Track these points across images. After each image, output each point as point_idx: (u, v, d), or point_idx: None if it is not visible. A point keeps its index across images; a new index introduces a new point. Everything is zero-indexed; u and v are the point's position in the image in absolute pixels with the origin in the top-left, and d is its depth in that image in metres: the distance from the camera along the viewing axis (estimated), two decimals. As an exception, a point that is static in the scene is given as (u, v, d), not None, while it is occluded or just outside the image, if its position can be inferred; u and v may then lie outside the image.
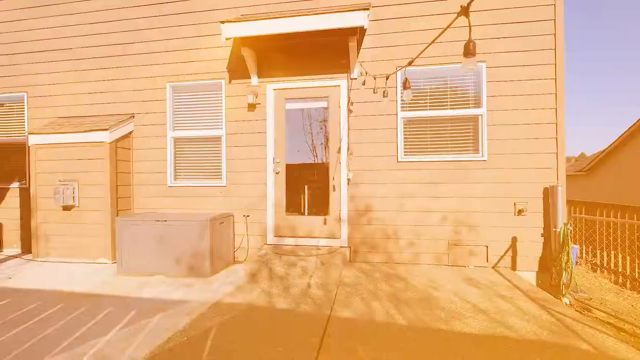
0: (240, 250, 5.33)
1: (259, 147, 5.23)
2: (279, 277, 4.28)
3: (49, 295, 3.91)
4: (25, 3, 6.09)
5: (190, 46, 5.47)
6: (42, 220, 5.49)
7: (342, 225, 5.00)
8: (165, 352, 2.71)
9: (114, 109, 5.77)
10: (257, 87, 5.19)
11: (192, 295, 3.93)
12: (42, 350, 2.74)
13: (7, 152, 6.31)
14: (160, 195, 5.63)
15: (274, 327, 3.11)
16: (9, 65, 6.20)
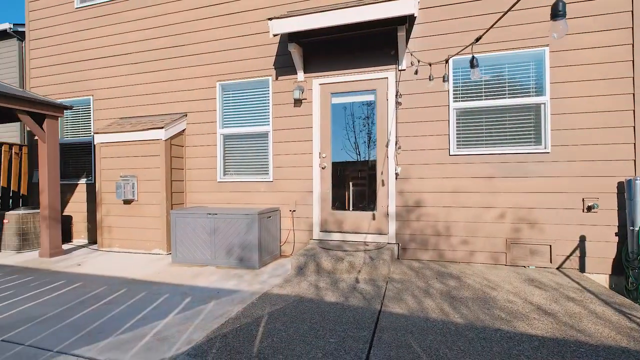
0: (287, 244, 5.37)
1: (305, 142, 5.25)
2: (326, 271, 4.25)
3: (113, 281, 4.18)
4: (88, 14, 6.61)
5: (237, 45, 5.63)
6: (106, 213, 5.91)
7: (389, 221, 4.87)
8: (220, 336, 2.77)
9: (168, 108, 6.08)
10: (304, 83, 5.22)
11: (242, 285, 4.00)
12: (110, 329, 2.91)
13: (76, 152, 6.88)
14: (210, 191, 5.84)
15: (323, 318, 3.08)
16: (77, 72, 6.77)
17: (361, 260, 4.20)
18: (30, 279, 4.31)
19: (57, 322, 3.05)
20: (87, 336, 2.78)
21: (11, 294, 3.76)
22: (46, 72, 7.04)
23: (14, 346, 2.63)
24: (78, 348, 2.60)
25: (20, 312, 3.28)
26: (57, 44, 6.90)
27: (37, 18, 7.09)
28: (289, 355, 2.49)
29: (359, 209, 5.18)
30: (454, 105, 4.62)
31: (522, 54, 4.45)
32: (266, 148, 5.52)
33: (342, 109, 5.22)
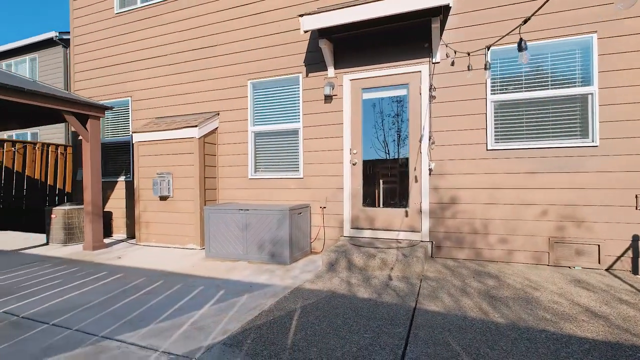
0: (317, 241, 5.36)
1: (336, 139, 5.22)
2: (358, 268, 4.20)
3: (151, 273, 4.33)
4: (127, 19, 6.91)
5: (268, 44, 5.69)
6: (143, 209, 6.14)
7: (423, 218, 4.74)
8: (255, 328, 2.79)
9: (201, 107, 6.24)
10: (334, 79, 5.19)
11: (274, 280, 4.03)
12: (150, 317, 3.01)
13: (116, 151, 7.20)
14: (242, 187, 5.93)
15: (357, 314, 3.04)
16: (117, 74, 7.10)
17: (394, 257, 4.11)
18: (75, 270, 4.54)
19: (101, 309, 3.19)
20: (129, 323, 2.89)
21: (59, 283, 3.97)
22: (89, 76, 7.43)
23: (63, 330, 2.77)
24: (121, 334, 2.70)
25: (68, 299, 3.45)
26: (99, 49, 7.26)
27: (80, 25, 7.50)
28: (323, 349, 2.47)
29: (390, 205, 5.08)
30: (491, 98, 4.44)
31: (566, 42, 4.21)
32: (296, 145, 5.54)
33: (371, 107, 5.15)
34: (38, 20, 49.84)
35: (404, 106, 5.06)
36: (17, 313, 3.11)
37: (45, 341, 2.59)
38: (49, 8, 50.33)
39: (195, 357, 2.36)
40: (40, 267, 4.73)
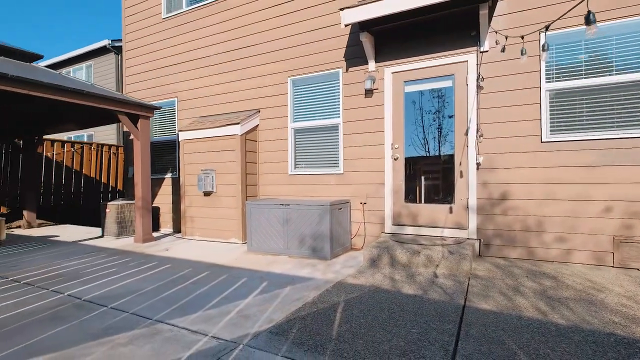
0: (357, 237, 5.29)
1: (377, 134, 5.13)
2: (402, 264, 4.09)
3: (197, 265, 4.48)
4: (173, 23, 7.22)
5: (307, 40, 5.70)
6: (189, 204, 6.39)
7: (470, 214, 4.53)
8: (299, 318, 2.79)
9: (243, 105, 6.38)
10: (375, 72, 5.11)
11: (316, 274, 4.02)
12: (198, 304, 3.10)
13: (163, 149, 7.55)
14: (282, 183, 6.00)
15: (402, 309, 2.95)
16: (164, 76, 7.45)
17: (439, 254, 3.96)
18: (128, 260, 4.81)
19: (153, 295, 3.33)
20: (180, 309, 3.00)
21: (115, 271, 4.21)
22: (139, 79, 7.86)
23: (121, 313, 2.93)
24: (172, 318, 2.80)
25: (123, 286, 3.65)
26: (148, 52, 7.66)
27: (131, 31, 7.96)
28: (369, 341, 2.42)
29: (433, 202, 4.91)
30: (547, 86, 4.15)
31: (633, 22, 3.85)
32: (336, 140, 5.51)
33: (410, 103, 5.02)
34: (93, 30, 54.25)
35: (445, 101, 4.89)
36: (80, 296, 3.32)
37: (105, 322, 2.75)
38: (104, 17, 54.56)
39: (243, 343, 2.39)
40: (97, 256, 5.05)
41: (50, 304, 3.14)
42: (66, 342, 2.41)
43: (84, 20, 58.71)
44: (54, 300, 3.22)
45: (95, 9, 59.27)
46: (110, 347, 2.33)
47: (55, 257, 5.03)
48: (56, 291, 3.47)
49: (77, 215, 9.85)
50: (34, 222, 8.22)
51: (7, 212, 8.76)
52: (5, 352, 2.27)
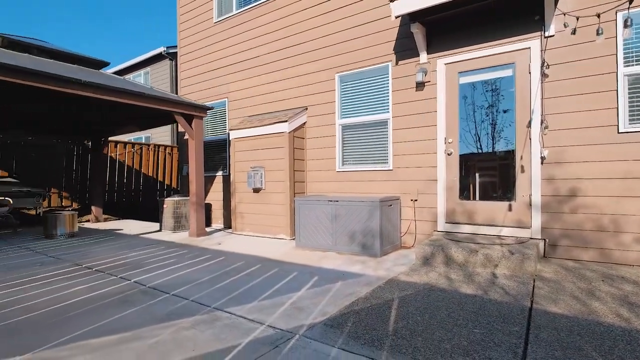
0: (407, 235, 5.14)
1: (428, 128, 4.95)
2: (457, 263, 3.89)
3: (248, 258, 4.59)
4: (224, 26, 7.50)
5: (355, 35, 5.64)
6: (239, 201, 6.59)
7: (533, 212, 4.21)
8: (353, 312, 2.75)
9: (290, 103, 6.47)
10: (427, 64, 4.93)
11: (367, 270, 3.95)
12: (252, 295, 3.17)
13: (214, 148, 7.87)
14: (329, 180, 5.99)
15: (461, 309, 2.80)
16: (215, 78, 7.76)
17: (499, 253, 3.72)
18: (185, 252, 5.05)
19: (210, 285, 3.46)
20: (235, 299, 3.08)
21: (173, 262, 4.44)
22: (192, 82, 8.27)
23: (181, 300, 3.06)
24: (229, 307, 2.88)
25: (182, 275, 3.83)
26: (201, 56, 8.03)
27: (185, 37, 8.39)
28: (428, 339, 2.31)
29: (490, 199, 4.63)
30: (625, 71, 3.74)
31: None
32: (385, 136, 5.39)
33: (462, 99, 4.79)
34: (150, 38, 58.83)
35: (500, 94, 4.60)
36: (145, 283, 3.53)
37: (168, 307, 2.89)
38: (160, 24, 58.85)
39: (299, 333, 2.39)
40: (156, 248, 5.36)
41: (119, 289, 3.37)
42: (135, 323, 2.57)
43: (143, 28, 63.79)
44: (122, 286, 3.45)
45: (153, 17, 64.14)
46: (175, 330, 2.44)
47: (120, 248, 5.41)
48: (124, 278, 3.72)
49: (137, 211, 10.57)
50: (101, 216, 8.93)
51: (78, 207, 9.62)
52: (84, 330, 2.46)
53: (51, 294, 3.21)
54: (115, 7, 63.49)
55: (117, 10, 64.24)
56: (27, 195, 7.87)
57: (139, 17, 67.46)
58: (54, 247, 5.53)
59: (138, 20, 67.20)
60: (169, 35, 49.81)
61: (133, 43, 59.84)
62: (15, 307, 2.91)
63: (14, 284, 3.56)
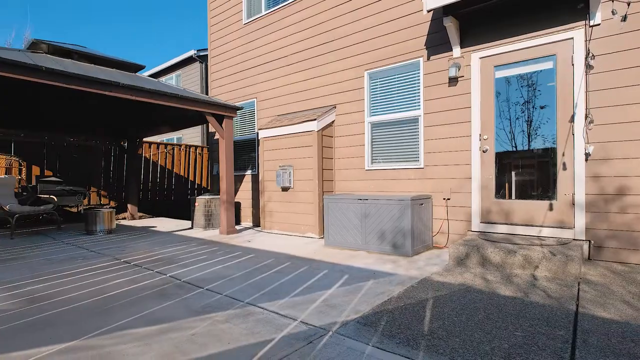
0: (440, 235, 5.00)
1: (462, 125, 4.80)
2: (494, 264, 3.75)
3: (278, 256, 4.62)
4: (253, 27, 7.61)
5: (384, 32, 5.56)
6: (267, 199, 6.66)
7: (576, 212, 3.99)
8: (386, 311, 2.70)
9: (319, 102, 6.47)
10: (460, 59, 4.78)
11: (399, 270, 3.88)
12: (284, 291, 3.18)
13: (243, 148, 8.00)
14: (358, 179, 5.94)
15: (500, 311, 2.68)
16: (244, 79, 7.89)
17: (539, 255, 3.54)
18: (216, 249, 5.15)
19: (242, 281, 3.51)
20: (267, 295, 3.10)
21: (205, 258, 4.54)
22: (222, 83, 8.45)
23: (215, 294, 3.12)
24: (261, 302, 2.90)
25: (214, 271, 3.91)
26: (230, 57, 8.20)
27: (215, 39, 8.59)
28: (466, 340, 2.23)
29: (529, 197, 4.43)
30: (680, 60, 3.47)
31: None
32: (416, 133, 5.28)
33: (496, 95, 4.61)
34: (180, 41, 61.33)
35: (537, 89, 4.40)
36: (179, 278, 3.63)
37: (203, 301, 2.95)
38: (190, 27, 61.14)
39: (332, 330, 2.37)
40: (189, 245, 5.51)
41: (156, 282, 3.48)
42: (173, 315, 2.64)
43: (174, 32, 66.45)
44: (159, 280, 3.56)
45: (183, 20, 66.70)
46: (211, 323, 2.48)
47: (155, 244, 5.60)
48: (160, 272, 3.84)
49: (169, 209, 10.93)
50: (136, 214, 9.30)
51: (115, 205, 10.06)
52: (126, 320, 2.55)
53: (94, 286, 3.37)
54: (147, 11, 66.54)
55: (150, 14, 67.36)
56: (70, 194, 8.32)
57: (171, 20, 70.38)
58: (94, 242, 5.80)
59: (170, 24, 70.02)
60: (199, 39, 51.50)
61: (165, 46, 62.19)
62: (62, 297, 3.07)
63: (60, 275, 3.76)
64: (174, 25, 70.91)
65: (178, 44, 65.07)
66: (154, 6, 69.05)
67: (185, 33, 62.52)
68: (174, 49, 65.63)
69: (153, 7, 68.79)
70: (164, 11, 70.59)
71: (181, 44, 62.19)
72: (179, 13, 70.85)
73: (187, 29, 62.87)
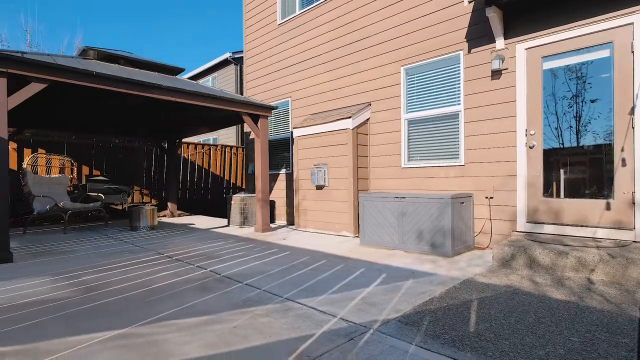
0: (481, 235, 4.79)
1: (506, 119, 4.57)
2: (543, 266, 3.53)
3: (313, 254, 4.62)
4: (287, 28, 7.68)
5: (421, 26, 5.41)
6: (302, 198, 6.69)
7: (637, 212, 3.67)
8: (429, 311, 2.61)
9: (354, 100, 6.41)
10: (504, 51, 4.56)
11: (438, 270, 3.75)
12: (321, 288, 3.16)
13: (277, 147, 8.09)
14: (394, 177, 5.82)
15: (553, 315, 2.52)
16: (278, 79, 7.98)
17: (595, 257, 3.29)
18: (252, 246, 5.24)
19: (279, 277, 3.53)
20: (305, 291, 3.09)
21: (242, 255, 4.62)
22: (256, 83, 8.60)
23: (254, 289, 3.16)
24: (300, 298, 2.90)
25: (252, 267, 3.97)
26: (265, 58, 8.33)
27: (250, 40, 8.76)
28: (517, 344, 2.11)
29: (581, 196, 4.14)
30: None
31: None
32: (456, 129, 5.09)
33: (542, 87, 4.35)
34: (216, 44, 63.51)
35: (586, 82, 4.11)
36: (219, 272, 3.72)
37: (243, 295, 2.99)
38: (227, 30, 63.19)
39: (373, 328, 2.33)
40: (226, 241, 5.64)
41: (197, 276, 3.58)
42: (215, 308, 2.69)
43: (209, 32, 69.09)
44: (200, 274, 3.66)
45: (219, 24, 69.12)
46: (251, 317, 2.51)
47: (194, 240, 5.78)
48: (200, 267, 3.96)
49: (206, 207, 11.28)
50: (175, 212, 9.67)
51: (156, 203, 10.52)
52: (171, 310, 2.64)
53: (140, 278, 3.52)
54: (183, 15, 69.53)
55: (186, 16, 70.37)
56: (115, 192, 8.80)
57: (208, 23, 73.15)
58: (138, 237, 6.08)
59: (206, 27, 72.77)
60: (234, 42, 53.09)
61: (203, 48, 64.58)
62: (110, 288, 3.23)
63: (110, 267, 3.97)
64: (210, 28, 73.52)
65: (213, 47, 67.39)
66: (193, 9, 72.01)
67: (221, 36, 64.65)
68: (210, 52, 68.05)
69: (192, 9, 71.75)
70: (202, 13, 73.50)
71: (216, 47, 64.31)
72: (214, 14, 73.43)
73: (224, 32, 64.95)
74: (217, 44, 65.24)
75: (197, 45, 66.45)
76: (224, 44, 62.19)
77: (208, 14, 73.68)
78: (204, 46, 66.05)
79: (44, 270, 3.86)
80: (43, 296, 3.00)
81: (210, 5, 71.75)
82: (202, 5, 72.86)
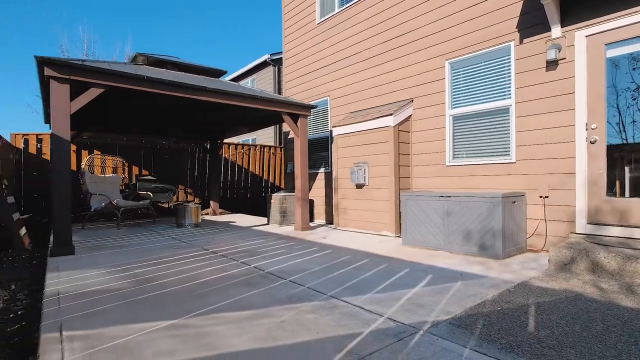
0: (535, 237, 4.49)
1: (563, 113, 4.25)
2: (608, 271, 3.23)
3: (354, 252, 4.56)
4: (325, 27, 7.67)
5: (467, 18, 5.18)
6: (342, 197, 6.65)
7: None
8: (481, 314, 2.47)
9: (395, 97, 6.28)
10: (561, 39, 4.24)
11: (489, 272, 3.55)
12: (365, 287, 3.11)
13: (316, 146, 8.11)
14: (437, 175, 5.62)
15: (624, 323, 2.30)
16: (317, 78, 8.00)
17: (671, 262, 2.96)
18: (293, 244, 5.27)
19: (321, 275, 3.51)
20: (349, 289, 3.05)
21: (283, 252, 4.66)
22: (295, 83, 8.69)
23: (298, 286, 3.16)
24: (344, 296, 2.86)
25: (294, 264, 3.98)
26: (304, 57, 8.38)
27: (289, 41, 8.86)
28: (584, 353, 1.94)
29: (647, 196, 3.75)
30: None
31: None
32: (506, 125, 4.82)
33: (605, 77, 3.99)
34: (255, 46, 65.39)
35: None
36: (262, 269, 3.77)
37: (288, 291, 3.01)
38: (265, 31, 64.81)
39: (423, 329, 2.24)
40: (267, 239, 5.72)
41: (242, 272, 3.65)
42: (261, 303, 2.72)
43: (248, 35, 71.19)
44: (244, 270, 3.73)
45: (258, 27, 71.01)
46: (297, 313, 2.51)
47: (236, 237, 5.93)
48: (244, 263, 4.04)
49: (246, 206, 11.57)
50: (217, 210, 9.99)
51: (200, 202, 10.95)
52: (218, 304, 2.70)
53: (187, 273, 3.64)
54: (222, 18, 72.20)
55: (224, 21, 72.95)
56: (162, 191, 9.26)
57: (245, 26, 75.50)
58: (183, 234, 6.34)
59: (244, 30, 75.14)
60: (273, 44, 54.21)
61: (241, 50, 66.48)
62: (159, 281, 3.37)
63: (158, 262, 4.15)
64: (248, 29, 75.61)
65: (252, 49, 69.19)
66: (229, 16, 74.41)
67: (260, 37, 66.35)
68: (249, 53, 69.98)
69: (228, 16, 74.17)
70: (237, 12, 75.77)
71: (255, 49, 65.98)
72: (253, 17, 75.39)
73: (261, 34, 66.60)
74: (255, 47, 66.97)
75: (235, 47, 68.52)
76: (262, 46, 63.75)
77: (246, 15, 75.87)
78: (243, 48, 67.96)
79: (101, 262, 4.11)
80: (103, 286, 3.19)
81: (249, 7, 73.80)
82: (242, 5, 75.11)
